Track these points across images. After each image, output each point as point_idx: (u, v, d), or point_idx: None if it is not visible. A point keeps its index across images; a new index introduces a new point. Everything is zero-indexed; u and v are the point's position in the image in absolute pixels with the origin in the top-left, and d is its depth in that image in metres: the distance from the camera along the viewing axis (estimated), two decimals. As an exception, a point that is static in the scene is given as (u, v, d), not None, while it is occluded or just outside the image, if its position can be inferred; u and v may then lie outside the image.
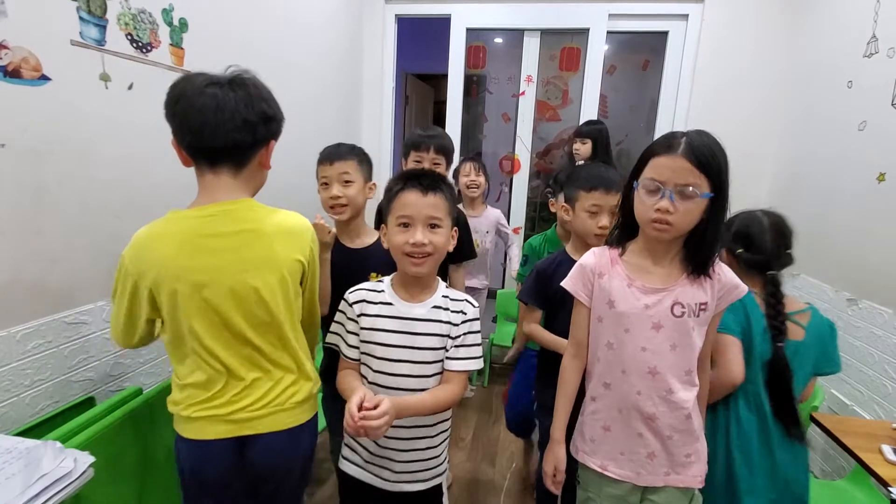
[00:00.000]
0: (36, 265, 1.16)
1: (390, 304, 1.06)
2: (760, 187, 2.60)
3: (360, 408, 0.90)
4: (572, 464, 1.13)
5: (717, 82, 2.67)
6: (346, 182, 1.38)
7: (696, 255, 0.98)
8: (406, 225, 1.01)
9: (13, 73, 1.04)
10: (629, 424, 1.04)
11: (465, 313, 1.06)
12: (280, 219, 1.03)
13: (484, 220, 2.45)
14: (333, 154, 1.42)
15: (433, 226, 1.01)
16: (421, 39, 3.43)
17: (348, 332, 1.08)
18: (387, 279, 1.10)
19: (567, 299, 1.34)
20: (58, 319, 1.22)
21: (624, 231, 1.06)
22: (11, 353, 1.11)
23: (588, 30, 2.79)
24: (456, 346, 1.04)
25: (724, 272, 1.00)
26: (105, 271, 1.33)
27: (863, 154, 1.94)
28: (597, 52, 2.80)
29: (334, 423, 1.51)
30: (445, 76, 3.02)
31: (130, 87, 1.36)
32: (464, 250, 1.74)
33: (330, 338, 1.11)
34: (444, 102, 3.09)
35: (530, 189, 3.15)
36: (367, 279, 1.27)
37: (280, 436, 1.02)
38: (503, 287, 3.19)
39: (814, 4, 2.38)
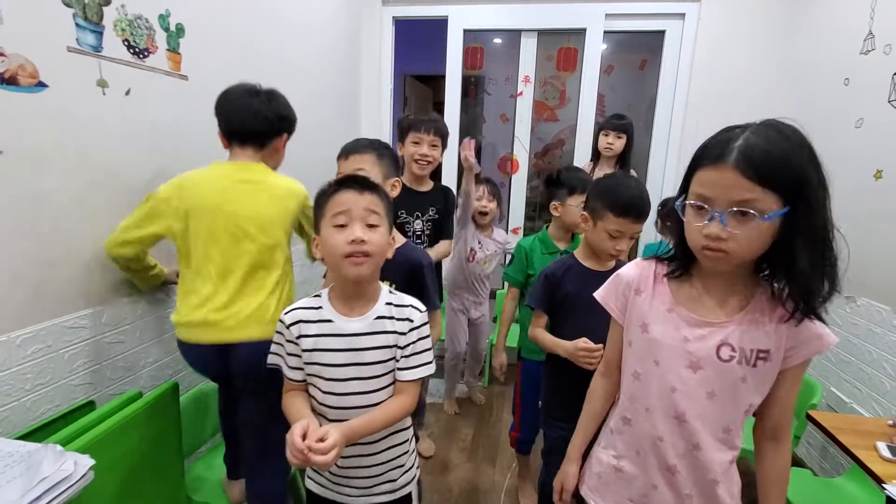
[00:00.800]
0: (35, 270, 1.17)
1: (330, 321, 0.98)
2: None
3: (304, 437, 0.85)
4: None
5: (715, 81, 2.67)
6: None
7: (792, 293, 0.75)
8: (343, 225, 0.95)
9: (10, 81, 1.05)
10: (645, 471, 0.90)
11: (412, 320, 1.00)
12: (283, 180, 1.40)
13: (491, 242, 2.41)
14: (350, 148, 1.40)
15: (371, 225, 0.96)
16: (419, 41, 3.43)
17: (289, 353, 1.01)
18: (325, 292, 1.03)
19: (577, 306, 1.32)
20: (57, 324, 1.23)
21: (680, 257, 0.86)
22: (12, 358, 1.12)
23: (585, 30, 2.79)
24: (406, 356, 0.99)
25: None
26: (103, 276, 1.35)
27: (860, 151, 1.94)
28: (594, 52, 2.80)
29: None
30: (444, 77, 3.02)
31: (128, 93, 1.36)
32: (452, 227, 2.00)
33: (271, 358, 1.05)
34: (442, 103, 3.09)
35: (529, 189, 3.16)
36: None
37: (255, 344, 1.25)
38: (503, 288, 3.19)
39: (811, 2, 2.38)
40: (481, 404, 2.74)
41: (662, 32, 2.77)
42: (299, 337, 0.98)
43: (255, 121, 1.33)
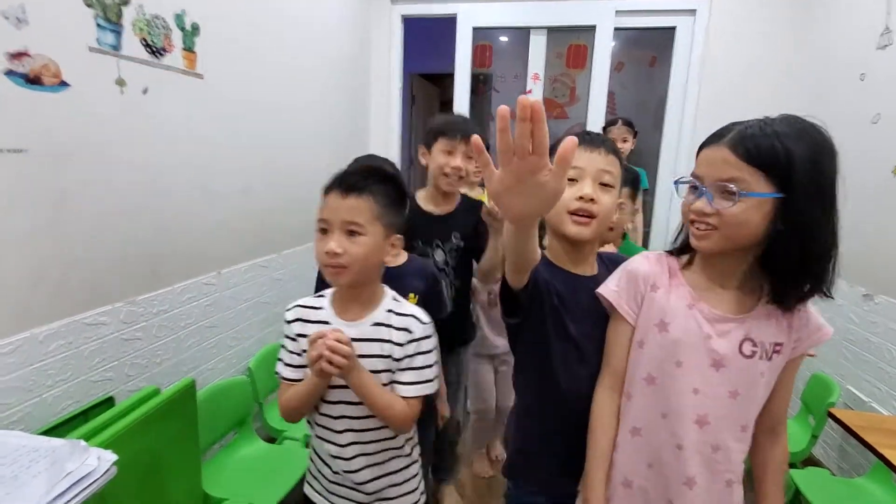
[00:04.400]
0: (57, 268, 1.18)
1: (327, 323, 0.95)
2: (772, 182, 2.57)
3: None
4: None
5: (726, 77, 2.65)
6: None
7: (774, 280, 0.77)
8: (324, 231, 0.90)
9: (34, 80, 1.06)
10: (658, 486, 0.83)
11: (412, 331, 0.93)
12: None
13: None
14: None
15: (352, 233, 0.89)
16: (426, 39, 3.44)
17: (289, 351, 0.98)
18: (329, 292, 1.00)
19: (568, 317, 0.92)
20: (78, 321, 1.24)
21: (684, 243, 0.85)
22: (34, 354, 1.13)
23: (595, 27, 2.78)
24: (402, 370, 0.93)
25: (806, 308, 0.80)
26: (123, 273, 1.36)
27: (877, 147, 1.91)
28: (604, 50, 2.79)
29: None
30: (451, 76, 3.02)
31: (145, 92, 1.38)
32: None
33: (276, 366, 1.00)
34: (450, 102, 3.09)
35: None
36: (406, 297, 1.19)
37: None
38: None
39: (824, -3, 2.36)
40: (498, 459, 2.17)
41: (673, 29, 2.75)
42: (298, 335, 0.96)
43: None
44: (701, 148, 0.79)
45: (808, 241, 0.72)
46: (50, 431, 1.12)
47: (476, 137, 0.60)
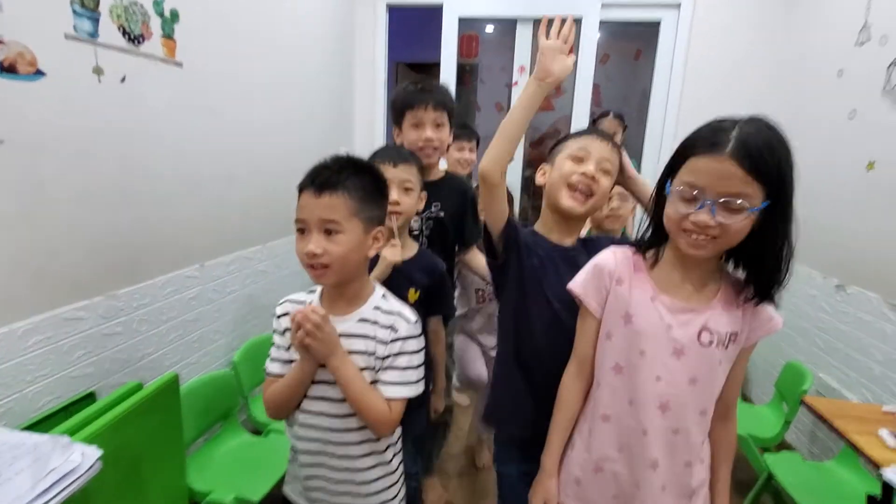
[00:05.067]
0: (34, 260, 1.15)
1: None
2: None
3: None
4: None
5: (709, 71, 2.69)
6: (407, 189, 1.24)
7: (758, 281, 0.80)
8: (302, 231, 0.89)
9: (9, 69, 1.03)
10: (627, 469, 0.89)
11: (397, 330, 0.91)
12: None
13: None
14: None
15: (330, 231, 0.87)
16: (411, 28, 3.40)
17: (278, 346, 0.97)
18: (318, 289, 0.98)
19: (543, 286, 1.03)
20: (56, 315, 1.21)
21: (653, 236, 0.88)
22: (13, 350, 1.11)
23: (581, 19, 2.78)
24: (385, 369, 0.91)
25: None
26: (103, 266, 1.34)
27: (853, 142, 1.97)
28: (590, 42, 2.79)
29: None
30: (437, 65, 3.00)
31: (123, 80, 1.34)
32: (477, 228, 1.48)
33: (266, 364, 0.99)
34: (435, 92, 3.07)
35: (523, 178, 3.16)
36: (405, 295, 1.19)
37: None
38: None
39: (805, -7, 2.40)
40: (483, 468, 2.09)
41: (658, 22, 2.77)
42: (285, 330, 0.94)
43: None
44: (692, 153, 0.76)
45: (785, 241, 0.76)
46: (31, 428, 1.10)
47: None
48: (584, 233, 1.20)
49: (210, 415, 1.64)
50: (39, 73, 1.10)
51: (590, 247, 1.05)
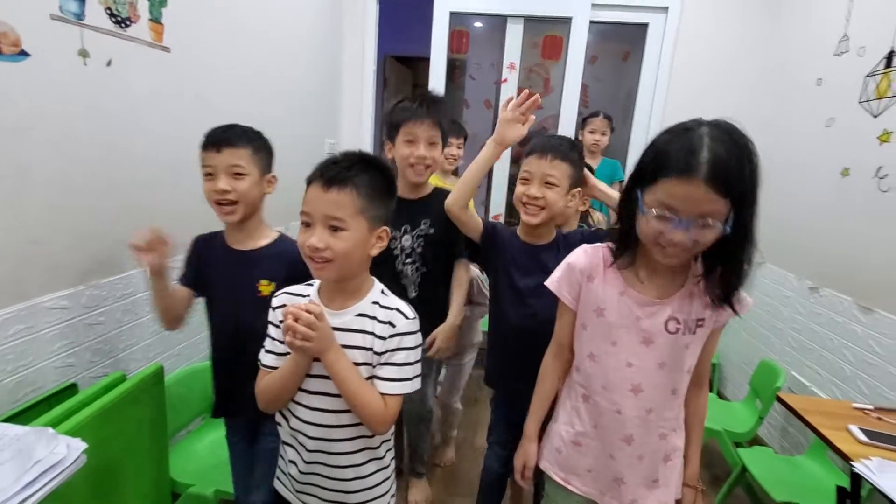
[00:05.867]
0: (17, 247, 1.12)
1: None
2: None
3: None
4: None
5: (695, 75, 2.74)
6: (237, 175, 1.16)
7: (725, 281, 0.85)
8: (307, 224, 0.88)
9: (-8, 49, 0.99)
10: (602, 443, 0.97)
11: (395, 325, 0.91)
12: None
13: None
14: (219, 140, 1.16)
15: (335, 228, 0.86)
16: (401, 20, 3.38)
17: (272, 338, 0.96)
18: (316, 282, 0.97)
19: (512, 280, 1.31)
20: (38, 304, 1.18)
21: (624, 243, 0.92)
22: (-7, 339, 1.08)
23: (571, 19, 2.81)
24: (382, 364, 0.91)
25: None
26: (85, 254, 1.30)
27: (828, 150, 2.04)
28: (579, 42, 2.82)
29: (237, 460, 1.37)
30: (424, 59, 2.98)
31: (109, 64, 1.30)
32: (465, 242, 1.48)
33: (260, 355, 0.98)
34: (423, 86, 3.07)
35: (509, 175, 3.18)
36: (254, 288, 1.18)
37: None
38: (483, 273, 3.23)
39: (790, 1, 2.46)
40: (446, 465, 2.12)
41: (646, 25, 2.81)
42: (282, 321, 0.92)
43: None
44: (664, 174, 0.79)
45: (747, 243, 0.81)
46: (11, 419, 1.07)
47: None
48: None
49: (194, 407, 1.62)
50: (24, 53, 1.06)
51: (565, 241, 1.31)
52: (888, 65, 1.78)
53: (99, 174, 1.32)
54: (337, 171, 0.87)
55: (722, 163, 0.75)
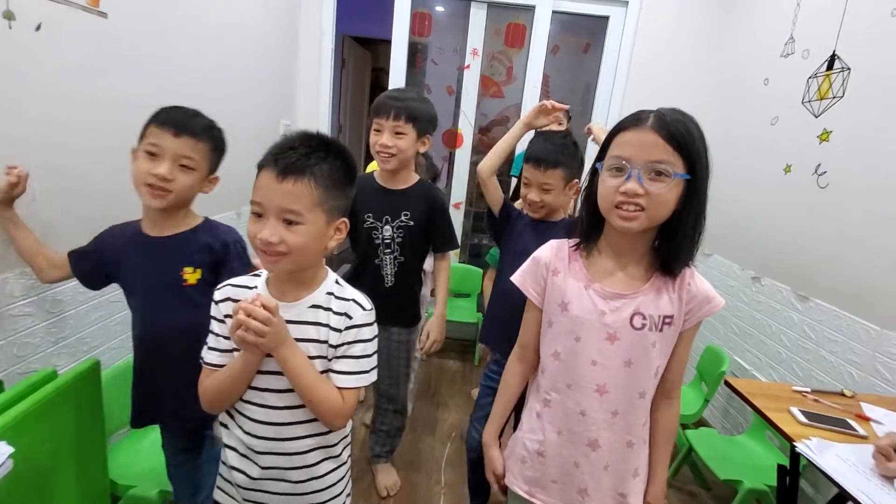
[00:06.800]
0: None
1: None
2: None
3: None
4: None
5: (652, 70, 2.81)
6: (185, 167, 1.09)
7: (664, 249, 0.85)
8: (258, 214, 0.81)
9: None
10: (566, 450, 0.93)
11: (351, 317, 0.86)
12: None
13: None
14: (182, 124, 1.08)
15: (289, 221, 0.79)
16: (360, 1, 3.26)
17: (216, 335, 0.89)
18: (264, 273, 0.91)
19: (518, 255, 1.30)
20: (-47, 294, 1.05)
21: (588, 225, 0.91)
22: None
23: (534, 7, 2.80)
24: (338, 357, 0.86)
25: (695, 282, 0.88)
26: (8, 237, 1.17)
27: (773, 147, 2.14)
28: (542, 31, 2.82)
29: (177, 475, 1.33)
30: (385, 41, 2.90)
31: (38, 28, 1.17)
32: (445, 237, 1.61)
33: (202, 351, 0.91)
34: (382, 69, 2.98)
35: (471, 165, 3.17)
36: (178, 276, 1.12)
37: None
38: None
39: (743, 2, 2.55)
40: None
41: (607, 18, 2.85)
42: (227, 316, 0.86)
43: None
44: (617, 132, 0.84)
45: (699, 218, 0.83)
46: (-80, 423, 0.95)
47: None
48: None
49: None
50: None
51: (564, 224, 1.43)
52: (829, 67, 1.88)
53: (25, 148, 1.18)
54: (294, 160, 0.79)
55: (670, 118, 0.80)
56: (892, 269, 1.54)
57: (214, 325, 0.89)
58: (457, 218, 3.13)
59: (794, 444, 1.10)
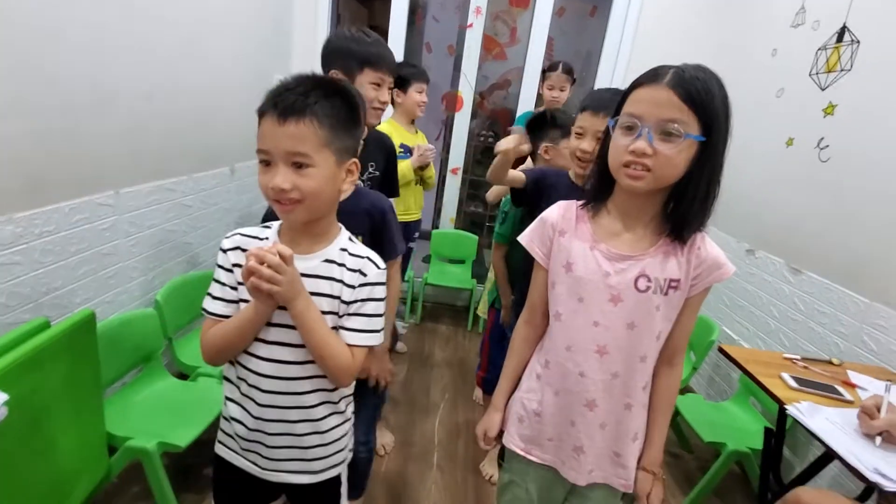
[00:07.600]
0: None
1: None
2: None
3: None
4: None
5: (657, 37, 2.74)
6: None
7: (675, 213, 0.83)
8: (266, 163, 0.78)
9: None
10: (563, 410, 0.93)
11: (366, 274, 0.85)
12: None
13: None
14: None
15: (299, 164, 0.77)
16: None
17: (222, 284, 0.86)
18: (275, 225, 0.89)
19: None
20: (-63, 238, 1.01)
21: (598, 184, 0.89)
22: None
23: (541, -35, 2.70)
24: (350, 315, 0.86)
25: (706, 247, 0.85)
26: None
27: (777, 119, 2.13)
28: (547, -9, 2.73)
29: None
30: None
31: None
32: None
33: (204, 300, 0.87)
34: (378, 27, 2.87)
35: (469, 130, 3.11)
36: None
37: None
38: (438, 227, 3.19)
39: (752, -31, 2.48)
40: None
41: (615, -20, 2.76)
42: (235, 265, 0.84)
43: None
44: (633, 88, 0.81)
45: (712, 182, 0.80)
46: None
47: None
48: None
49: (130, 357, 1.51)
50: None
51: None
52: (839, 39, 1.85)
53: (8, 91, 1.12)
54: (293, 100, 0.76)
55: (689, 75, 0.75)
56: (886, 242, 1.56)
57: (221, 274, 0.87)
58: (453, 184, 3.09)
59: (786, 406, 1.13)
